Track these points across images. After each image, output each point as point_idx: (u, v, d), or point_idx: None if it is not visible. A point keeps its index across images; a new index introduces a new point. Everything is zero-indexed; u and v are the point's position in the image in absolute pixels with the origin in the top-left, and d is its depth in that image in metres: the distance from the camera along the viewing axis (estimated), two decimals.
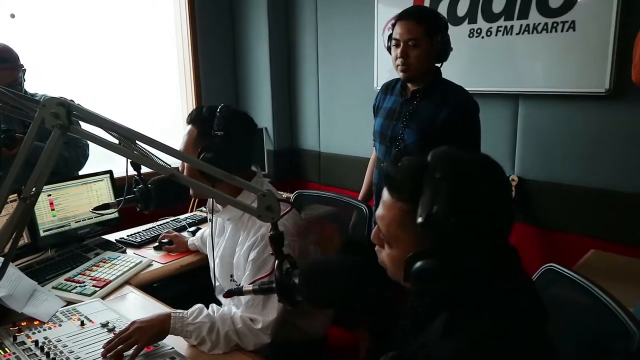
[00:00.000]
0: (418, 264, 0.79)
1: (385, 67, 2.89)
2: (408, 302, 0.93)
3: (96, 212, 1.34)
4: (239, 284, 1.50)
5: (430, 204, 0.76)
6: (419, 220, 0.76)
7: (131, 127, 0.94)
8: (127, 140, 0.96)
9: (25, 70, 2.20)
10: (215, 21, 3.45)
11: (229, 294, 1.03)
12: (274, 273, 0.96)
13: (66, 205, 2.04)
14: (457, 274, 0.78)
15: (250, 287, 0.99)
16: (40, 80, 2.56)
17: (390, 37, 1.92)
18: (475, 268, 0.79)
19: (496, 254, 0.82)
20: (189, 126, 1.54)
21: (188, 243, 2.08)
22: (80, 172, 2.38)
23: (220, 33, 3.51)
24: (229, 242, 1.62)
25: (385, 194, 0.87)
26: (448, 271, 0.78)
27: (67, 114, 0.87)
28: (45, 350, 1.30)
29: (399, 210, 0.84)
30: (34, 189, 0.89)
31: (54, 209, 2.00)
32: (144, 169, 1.10)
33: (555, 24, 2.23)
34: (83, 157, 2.37)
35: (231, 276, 1.61)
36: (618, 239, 2.21)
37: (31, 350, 1.30)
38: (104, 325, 1.43)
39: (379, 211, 0.89)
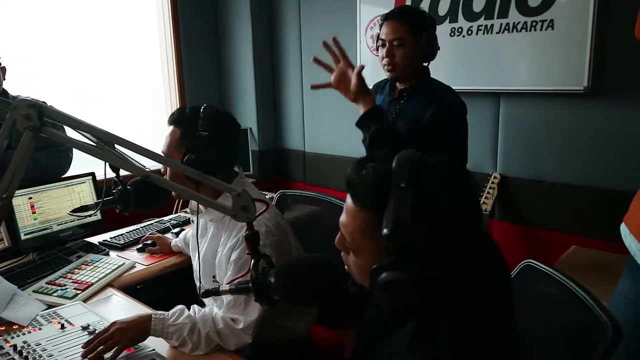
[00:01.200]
0: (383, 275, 0.76)
1: (367, 68, 2.90)
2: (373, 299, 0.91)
3: (74, 214, 1.33)
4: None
5: (396, 216, 0.73)
6: (384, 232, 0.74)
7: (104, 129, 0.93)
8: (101, 142, 0.95)
9: (4, 68, 2.17)
10: (198, 22, 3.43)
11: (206, 294, 1.03)
12: (250, 272, 0.96)
13: (48, 208, 2.02)
14: (424, 286, 0.76)
15: (227, 287, 0.99)
16: (25, 84, 2.54)
17: (377, 38, 1.94)
18: (443, 280, 0.76)
19: (465, 264, 0.78)
20: (171, 127, 1.53)
21: (171, 244, 2.07)
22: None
23: (204, 33, 3.49)
24: (211, 242, 1.62)
25: (349, 201, 0.83)
26: (414, 284, 0.76)
27: (38, 115, 0.87)
28: (24, 354, 1.29)
29: (362, 220, 0.81)
30: (5, 193, 0.88)
31: (35, 212, 1.98)
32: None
33: (534, 23, 2.26)
34: (66, 161, 2.31)
35: (213, 277, 1.61)
36: (598, 235, 2.24)
37: (9, 355, 1.29)
38: (84, 328, 1.42)
39: (343, 218, 0.86)
